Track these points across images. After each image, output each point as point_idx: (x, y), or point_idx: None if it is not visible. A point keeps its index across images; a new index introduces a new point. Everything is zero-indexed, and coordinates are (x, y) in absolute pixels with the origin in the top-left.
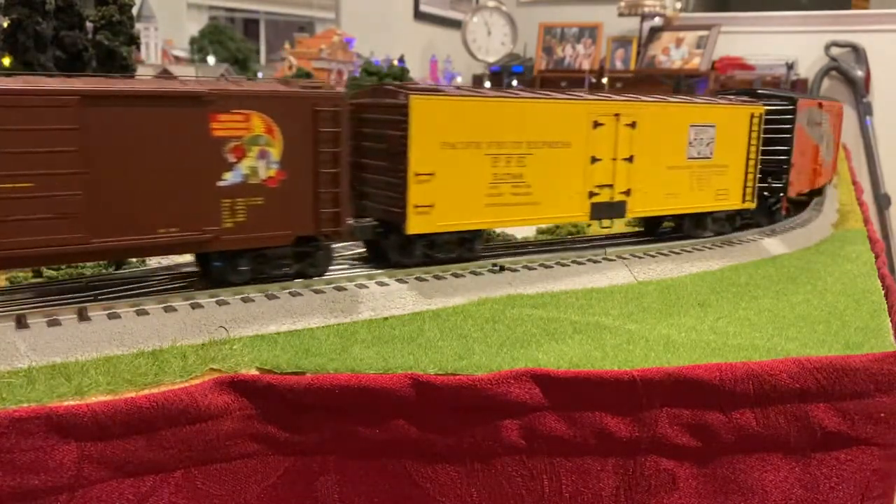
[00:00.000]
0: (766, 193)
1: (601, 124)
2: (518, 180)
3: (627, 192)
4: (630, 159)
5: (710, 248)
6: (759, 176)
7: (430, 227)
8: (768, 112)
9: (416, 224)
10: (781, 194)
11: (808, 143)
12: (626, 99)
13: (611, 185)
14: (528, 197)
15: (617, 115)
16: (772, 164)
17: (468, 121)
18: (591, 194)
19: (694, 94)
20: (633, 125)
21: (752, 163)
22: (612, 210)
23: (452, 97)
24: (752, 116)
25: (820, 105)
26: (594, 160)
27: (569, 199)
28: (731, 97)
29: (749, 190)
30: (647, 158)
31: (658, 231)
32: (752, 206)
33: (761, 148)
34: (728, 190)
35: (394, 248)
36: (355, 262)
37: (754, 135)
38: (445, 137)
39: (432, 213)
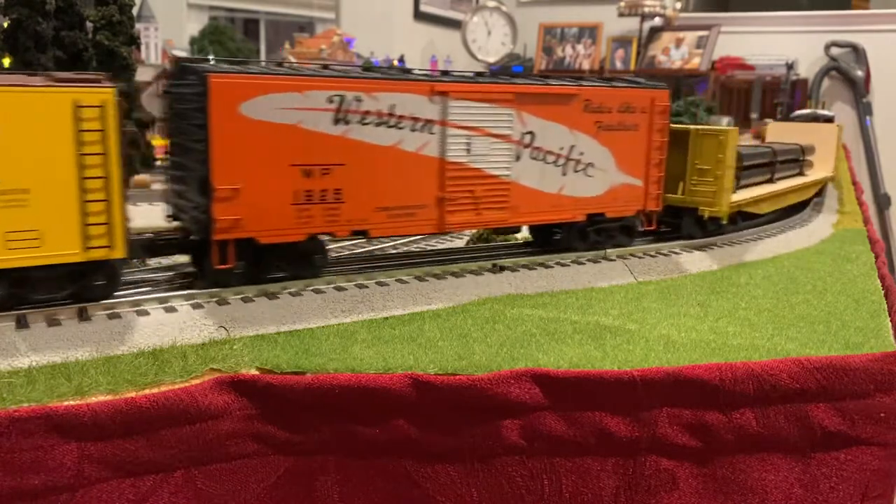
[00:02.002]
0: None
1: None
2: None
3: None
4: None
5: (710, 249)
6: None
7: None
8: (183, 96)
9: None
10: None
11: (309, 151)
12: None
13: None
14: None
15: None
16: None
17: None
18: None
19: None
20: None
21: (95, 184)
22: None
23: None
24: (78, 106)
25: (440, 91)
26: None
27: None
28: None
29: (118, 229)
30: None
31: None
32: (111, 253)
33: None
34: (43, 231)
35: None
36: None
37: (95, 137)
38: None
39: None
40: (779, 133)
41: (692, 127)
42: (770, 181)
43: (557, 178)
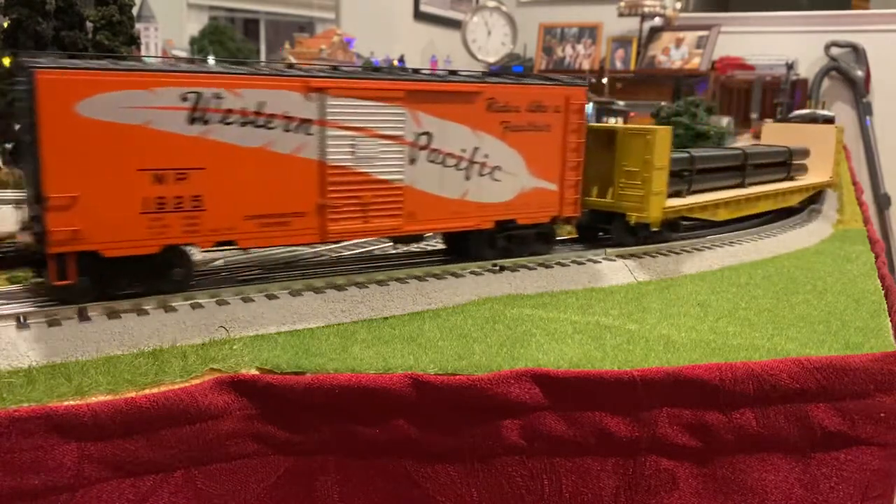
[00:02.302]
0: None
1: None
2: None
3: None
4: None
5: (709, 249)
6: None
7: None
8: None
9: None
10: None
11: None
12: None
13: None
14: None
15: None
16: None
17: None
18: None
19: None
20: None
21: None
22: None
23: None
24: None
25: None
26: None
27: None
28: None
29: None
30: None
31: None
32: None
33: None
34: None
35: None
36: None
37: None
38: None
39: None
40: (775, 134)
41: (619, 126)
42: (740, 186)
43: (460, 183)
